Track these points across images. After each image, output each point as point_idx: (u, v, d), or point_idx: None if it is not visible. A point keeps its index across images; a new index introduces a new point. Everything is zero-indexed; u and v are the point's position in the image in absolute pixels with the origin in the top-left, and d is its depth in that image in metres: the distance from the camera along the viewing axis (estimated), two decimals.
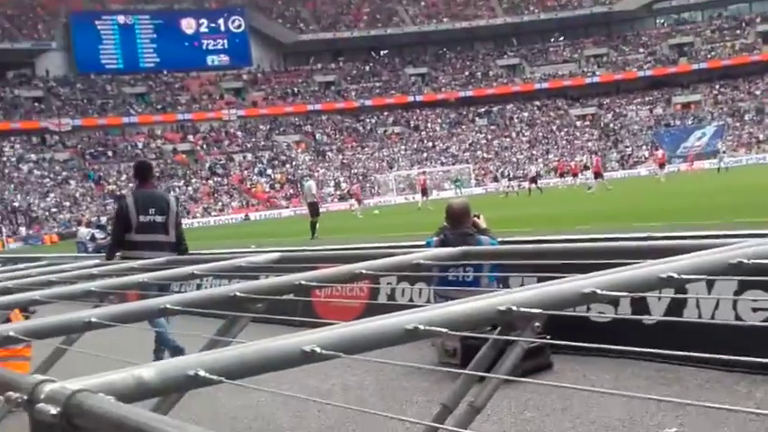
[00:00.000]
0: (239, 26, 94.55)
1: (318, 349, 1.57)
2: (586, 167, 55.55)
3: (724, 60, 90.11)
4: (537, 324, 1.96)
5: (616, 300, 6.79)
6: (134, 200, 8.76)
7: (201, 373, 1.49)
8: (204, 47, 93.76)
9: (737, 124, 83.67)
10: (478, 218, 7.85)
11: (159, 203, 8.81)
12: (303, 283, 2.88)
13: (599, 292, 1.86)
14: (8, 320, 4.17)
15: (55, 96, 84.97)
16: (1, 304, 3.44)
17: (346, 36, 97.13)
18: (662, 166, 52.60)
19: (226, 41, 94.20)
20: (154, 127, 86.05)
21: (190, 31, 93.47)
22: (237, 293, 2.74)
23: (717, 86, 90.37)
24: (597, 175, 45.29)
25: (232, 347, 1.63)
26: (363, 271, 3.00)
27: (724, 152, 63.49)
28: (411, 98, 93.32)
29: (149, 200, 8.77)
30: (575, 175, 58.21)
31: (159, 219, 8.67)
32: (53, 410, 1.30)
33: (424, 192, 51.64)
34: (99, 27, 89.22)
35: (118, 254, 8.51)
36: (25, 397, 1.39)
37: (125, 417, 1.22)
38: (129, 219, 8.62)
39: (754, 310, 6.23)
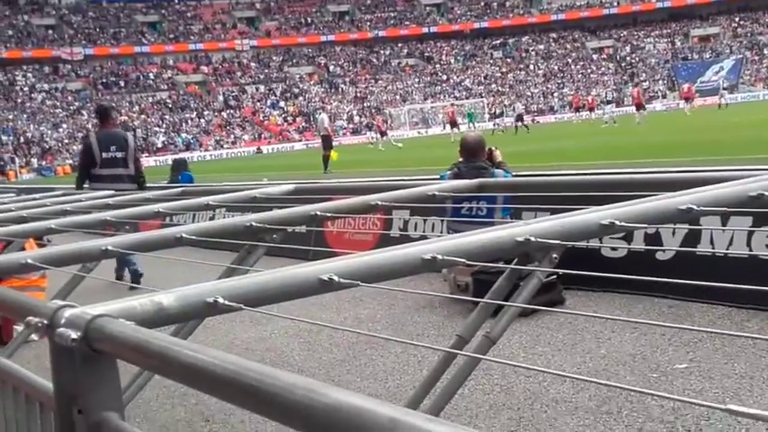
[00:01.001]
0: None
1: (336, 278, 1.58)
2: (609, 102, 55.26)
3: None
4: (555, 255, 1.95)
5: (630, 234, 6.79)
6: (97, 139, 10.02)
7: (220, 300, 1.50)
8: None
9: (756, 58, 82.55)
10: (494, 150, 7.83)
11: (119, 141, 10.10)
12: (318, 213, 2.89)
13: (618, 223, 1.85)
14: (23, 250, 4.19)
15: (67, 24, 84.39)
16: (17, 233, 3.46)
17: None
18: (687, 100, 52.83)
19: None
20: (166, 57, 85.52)
21: None
22: (254, 223, 2.75)
23: (736, 19, 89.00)
24: (639, 106, 45.29)
25: (250, 275, 1.64)
26: (379, 202, 3.00)
27: (725, 89, 63.39)
28: (426, 29, 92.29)
29: (110, 138, 10.06)
30: (591, 109, 57.87)
31: (120, 154, 9.95)
32: (74, 335, 1.32)
33: (453, 124, 51.42)
34: None
35: (85, 186, 9.79)
36: (46, 322, 1.40)
37: (145, 341, 1.23)
38: (94, 155, 9.89)
39: None
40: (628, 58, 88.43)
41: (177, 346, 1.18)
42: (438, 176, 7.96)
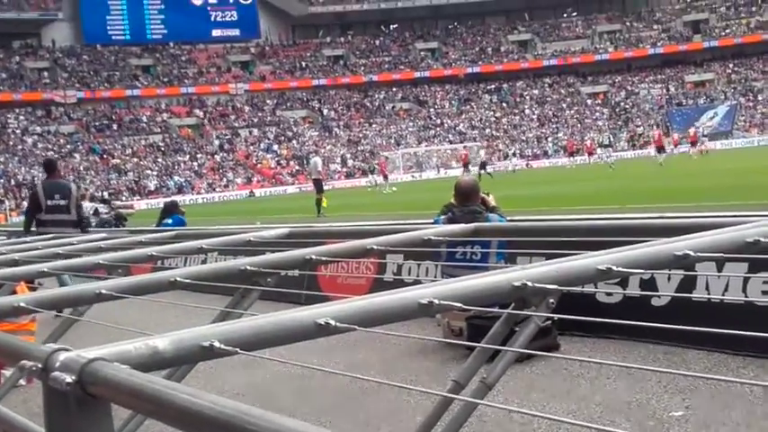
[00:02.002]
0: None
1: (333, 322, 1.58)
2: (606, 146, 55.91)
3: (738, 38, 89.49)
4: (551, 300, 1.96)
5: (626, 280, 6.80)
6: (43, 188, 11.53)
7: (216, 344, 1.50)
8: (212, 18, 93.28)
9: (750, 104, 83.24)
10: (488, 195, 7.88)
11: (63, 190, 11.52)
12: (313, 257, 2.90)
13: (614, 268, 1.86)
14: (14, 293, 4.17)
15: (61, 68, 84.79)
16: (8, 276, 3.45)
17: (356, 9, 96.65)
18: (694, 143, 53.96)
19: (234, 13, 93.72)
20: (160, 100, 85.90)
21: (198, 2, 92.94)
22: (248, 267, 2.75)
23: (730, 65, 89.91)
24: (660, 149, 46.15)
25: (246, 319, 1.64)
26: (374, 246, 3.01)
27: (704, 136, 64.94)
28: (420, 74, 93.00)
29: (54, 188, 11.49)
30: (590, 153, 58.22)
31: (63, 202, 11.30)
32: (68, 379, 1.32)
33: (466, 166, 51.95)
34: None
35: (32, 230, 10.97)
36: (39, 366, 1.40)
37: (141, 385, 1.23)
38: (40, 202, 11.25)
39: (765, 292, 6.23)
40: (622, 104, 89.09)
41: (174, 390, 1.18)
42: (432, 221, 7.99)
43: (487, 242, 6.60)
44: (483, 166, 52.66)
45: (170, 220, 13.92)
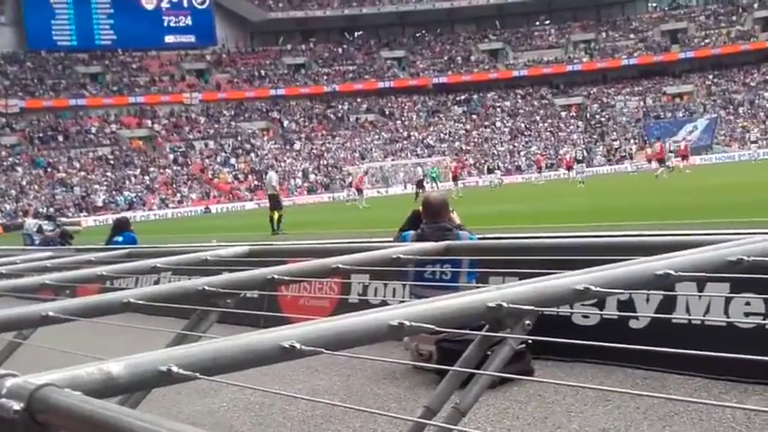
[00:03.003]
0: (203, 2, 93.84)
1: (298, 345, 1.58)
2: (579, 161, 56.15)
3: (718, 48, 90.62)
4: (528, 322, 1.98)
5: (603, 301, 6.85)
6: None
7: (174, 368, 1.49)
8: (165, 24, 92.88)
9: (731, 117, 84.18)
10: (452, 213, 7.91)
11: None
12: (276, 277, 2.89)
13: (592, 288, 1.88)
14: None
15: (2, 75, 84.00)
16: None
17: (318, 15, 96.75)
18: (685, 157, 54.93)
19: (189, 18, 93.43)
20: (109, 110, 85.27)
21: (150, 7, 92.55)
22: (206, 287, 2.74)
23: (710, 76, 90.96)
24: (660, 161, 46.86)
25: (206, 342, 1.63)
26: (339, 265, 3.01)
27: (671, 152, 66.32)
28: (386, 84, 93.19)
29: None
30: (569, 168, 58.48)
31: None
32: (16, 406, 1.30)
33: (455, 179, 51.76)
34: (52, 0, 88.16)
35: None
36: None
37: (95, 412, 1.22)
38: None
39: (747, 314, 6.29)
40: (597, 116, 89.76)
41: (130, 417, 1.18)
42: (392, 238, 7.99)
43: (458, 261, 6.61)
44: (420, 184, 51.41)
45: (120, 238, 13.81)
